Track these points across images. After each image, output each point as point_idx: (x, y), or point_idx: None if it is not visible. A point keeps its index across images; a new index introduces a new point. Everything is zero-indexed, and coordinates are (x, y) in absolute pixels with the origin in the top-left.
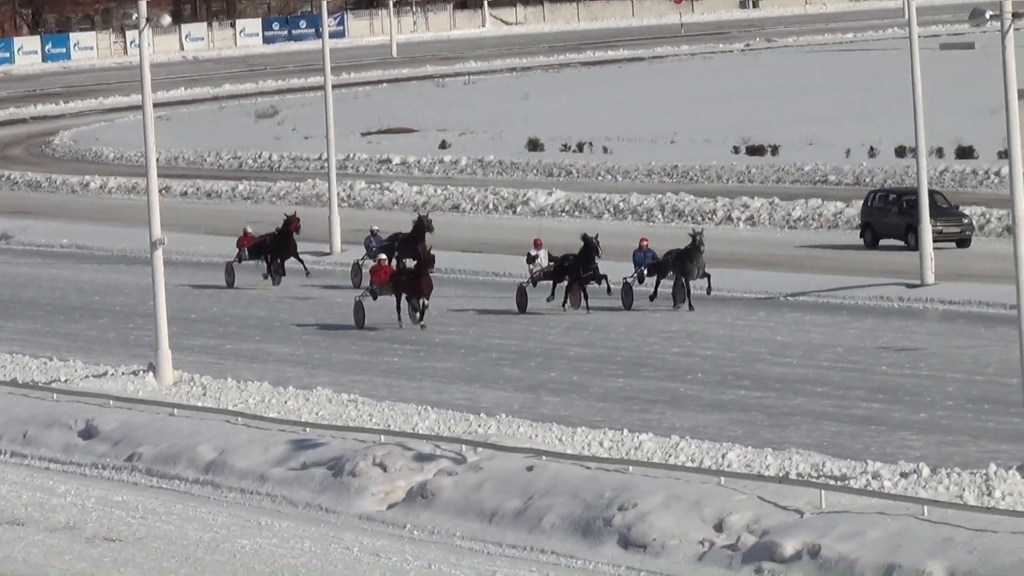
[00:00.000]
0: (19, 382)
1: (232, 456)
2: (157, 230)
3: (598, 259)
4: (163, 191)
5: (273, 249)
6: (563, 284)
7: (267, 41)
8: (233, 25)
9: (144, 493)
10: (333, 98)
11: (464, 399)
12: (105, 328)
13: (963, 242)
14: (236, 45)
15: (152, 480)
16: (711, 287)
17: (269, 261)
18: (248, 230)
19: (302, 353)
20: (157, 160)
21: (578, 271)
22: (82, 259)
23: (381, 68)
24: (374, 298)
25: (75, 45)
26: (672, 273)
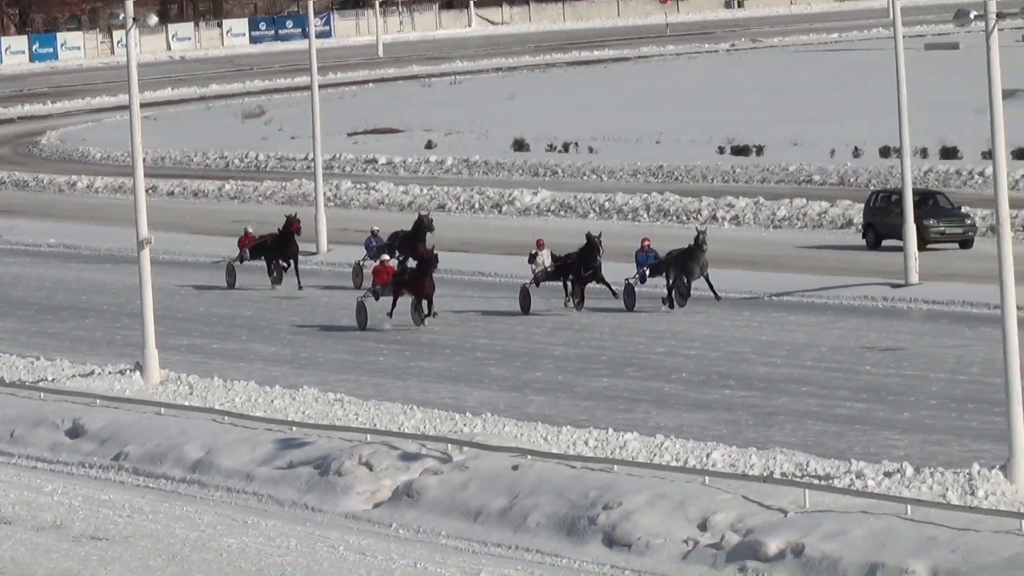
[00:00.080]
0: (6, 381)
1: (219, 455)
2: (144, 230)
3: (600, 258)
4: (150, 191)
5: (273, 250)
6: (569, 281)
7: (254, 41)
8: (220, 25)
9: (131, 492)
10: (319, 98)
11: (450, 398)
12: (92, 327)
13: (966, 243)
14: (223, 45)
15: (139, 479)
16: (716, 293)
17: (268, 261)
18: (249, 230)
19: (288, 353)
20: (144, 160)
21: (580, 269)
22: (69, 258)
23: (367, 68)
24: (376, 298)
25: (62, 45)
26: (673, 272)
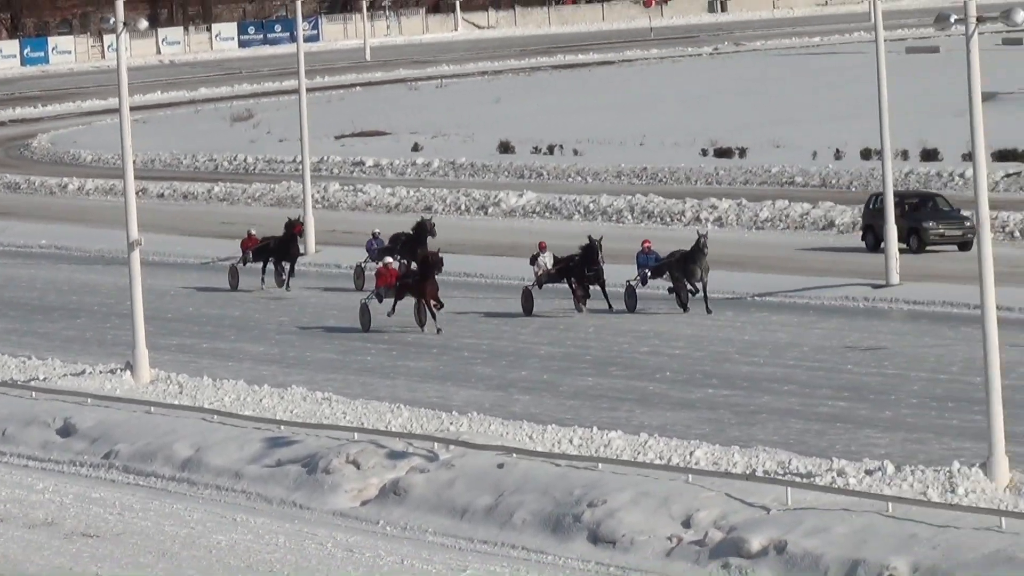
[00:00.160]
0: None
1: (208, 453)
2: (134, 231)
3: (602, 262)
4: (140, 193)
5: (276, 252)
6: (572, 283)
7: (242, 45)
8: (209, 29)
9: (121, 490)
10: (307, 101)
11: (436, 397)
12: (83, 327)
13: (965, 245)
14: (212, 49)
15: (129, 477)
16: (708, 306)
17: (275, 264)
18: (252, 232)
19: (277, 352)
20: (134, 162)
21: (582, 272)
22: (60, 259)
23: (355, 72)
24: (380, 301)
25: (53, 49)
26: (675, 275)
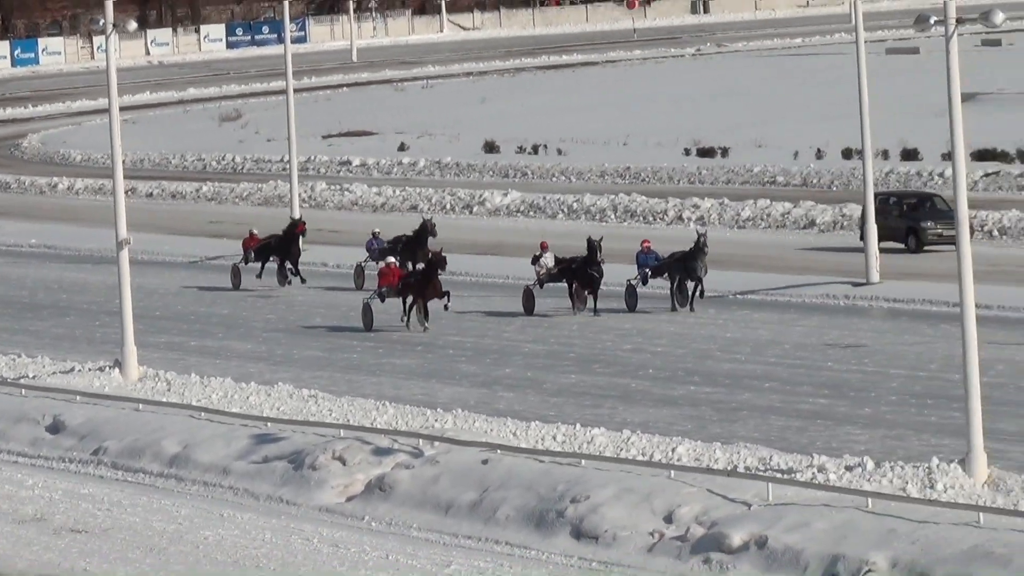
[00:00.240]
0: None
1: (196, 450)
2: (123, 230)
3: (600, 262)
4: (129, 192)
5: (278, 251)
6: (572, 284)
7: (231, 46)
8: (197, 31)
9: (110, 486)
10: (295, 102)
11: (421, 394)
12: (72, 326)
13: None
14: (200, 50)
15: (118, 473)
16: (693, 304)
17: (265, 261)
18: (254, 232)
19: (264, 350)
20: (123, 162)
21: (584, 272)
22: (50, 258)
23: (342, 72)
24: (383, 300)
25: (43, 50)
26: (676, 274)
